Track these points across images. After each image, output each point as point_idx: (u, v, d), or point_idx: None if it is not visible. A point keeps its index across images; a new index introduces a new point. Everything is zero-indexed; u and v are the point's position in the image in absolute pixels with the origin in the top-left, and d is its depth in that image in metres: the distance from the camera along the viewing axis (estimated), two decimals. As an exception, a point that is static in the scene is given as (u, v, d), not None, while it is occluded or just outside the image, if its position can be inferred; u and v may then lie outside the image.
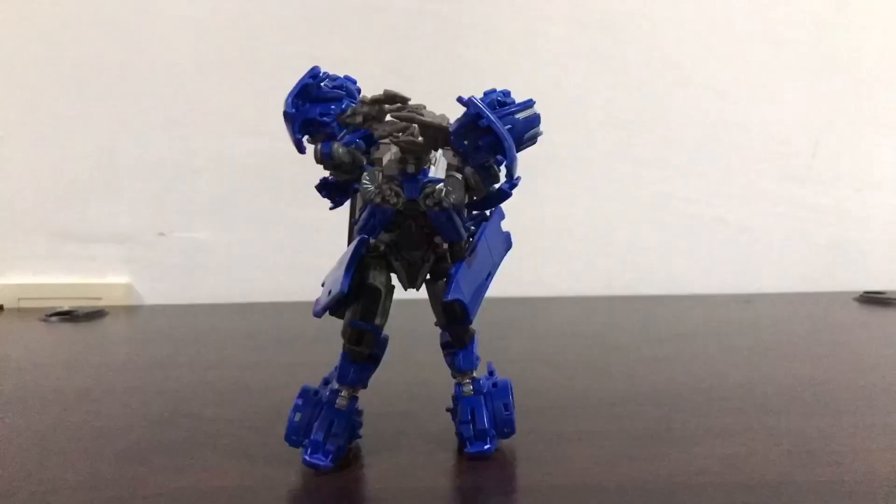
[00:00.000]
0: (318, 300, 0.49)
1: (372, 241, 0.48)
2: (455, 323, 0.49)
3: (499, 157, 0.45)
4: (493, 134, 0.43)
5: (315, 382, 0.52)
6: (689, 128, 1.17)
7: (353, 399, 0.49)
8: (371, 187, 0.45)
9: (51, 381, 0.73)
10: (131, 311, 1.13)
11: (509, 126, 0.45)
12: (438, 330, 0.51)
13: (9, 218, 1.16)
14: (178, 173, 1.16)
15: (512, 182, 0.47)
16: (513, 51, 1.15)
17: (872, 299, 1.09)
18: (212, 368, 0.77)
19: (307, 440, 0.48)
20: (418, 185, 0.45)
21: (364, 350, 0.48)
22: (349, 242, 0.52)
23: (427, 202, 0.45)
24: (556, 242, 1.18)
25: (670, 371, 0.73)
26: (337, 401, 0.49)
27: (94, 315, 1.07)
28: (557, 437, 0.54)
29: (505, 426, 0.50)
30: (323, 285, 0.50)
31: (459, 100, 0.44)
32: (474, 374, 0.51)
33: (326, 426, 0.48)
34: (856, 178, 1.18)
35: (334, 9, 1.13)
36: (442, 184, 0.45)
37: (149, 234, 1.17)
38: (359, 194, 0.48)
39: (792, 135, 1.18)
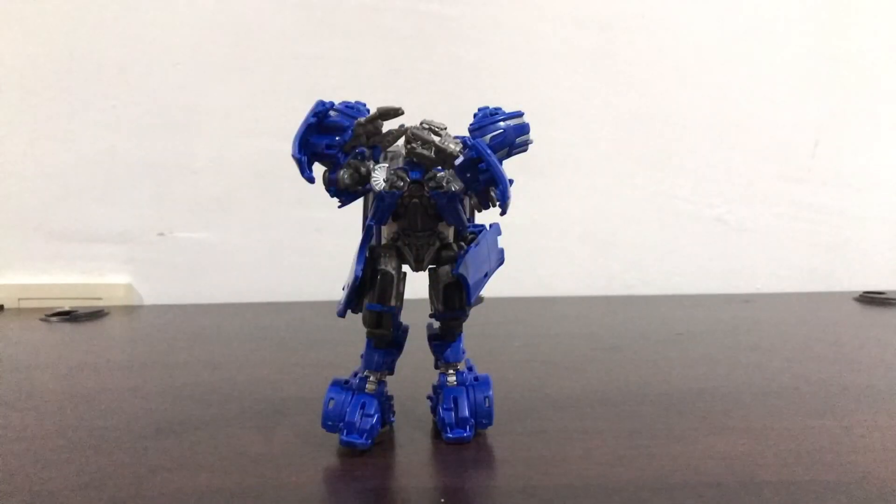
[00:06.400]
0: (339, 303, 0.52)
1: (382, 228, 0.51)
2: (452, 310, 0.52)
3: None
4: (491, 173, 0.48)
5: (316, 382, 0.52)
6: (689, 128, 1.17)
7: (382, 383, 0.53)
8: (381, 180, 0.49)
9: (51, 381, 0.73)
10: (131, 311, 1.13)
11: (500, 131, 0.50)
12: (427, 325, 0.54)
13: (9, 218, 1.16)
14: (178, 173, 1.16)
15: (504, 211, 0.50)
16: (513, 51, 1.15)
17: (872, 299, 1.09)
18: (212, 368, 0.77)
19: (342, 423, 0.51)
20: (423, 169, 0.49)
21: (384, 332, 0.52)
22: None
23: (430, 184, 0.48)
24: (556, 242, 1.18)
25: (670, 371, 0.73)
26: (367, 386, 0.52)
27: (95, 315, 1.07)
28: (557, 437, 0.54)
29: (484, 417, 0.54)
30: (344, 289, 0.52)
31: (464, 140, 0.49)
32: (458, 367, 0.55)
33: (359, 408, 0.51)
34: (856, 178, 1.19)
35: (334, 9, 1.13)
36: (444, 172, 0.49)
37: (149, 235, 1.17)
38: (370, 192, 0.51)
39: (792, 135, 1.18)
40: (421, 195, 0.49)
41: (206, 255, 1.17)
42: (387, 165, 0.49)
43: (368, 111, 0.52)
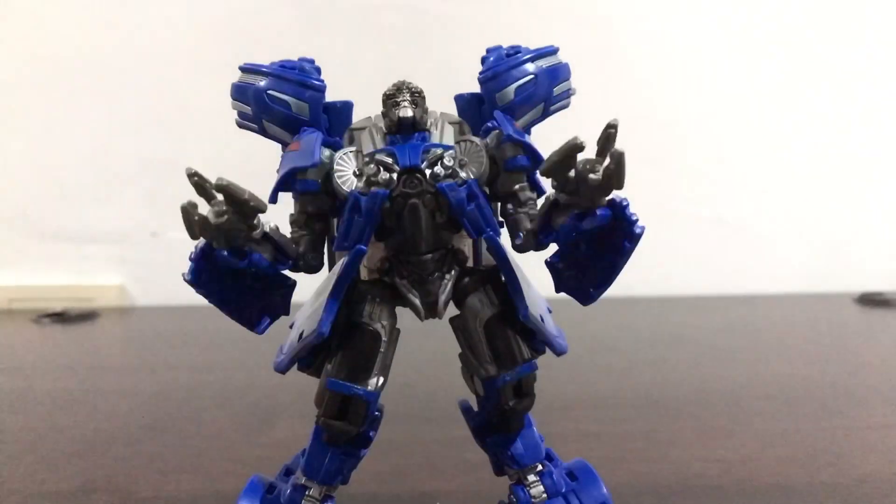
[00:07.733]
0: (281, 347, 0.36)
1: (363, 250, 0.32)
2: (511, 363, 0.33)
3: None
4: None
5: (311, 386, 0.50)
6: (689, 128, 1.16)
7: (328, 499, 0.34)
8: (347, 172, 0.32)
9: (42, 383, 0.72)
10: (123, 312, 1.12)
11: (530, 77, 0.35)
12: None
13: (0, 219, 1.15)
14: (170, 173, 1.14)
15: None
16: (510, 50, 1.14)
17: (872, 300, 1.08)
18: (205, 371, 0.76)
19: None
20: (418, 149, 0.32)
21: (350, 428, 0.33)
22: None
23: (435, 170, 0.31)
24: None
25: (668, 372, 0.72)
26: (303, 503, 0.34)
27: (86, 316, 1.06)
28: (555, 439, 0.53)
29: None
30: (291, 327, 0.36)
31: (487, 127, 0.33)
32: (539, 468, 0.35)
33: None
34: (855, 178, 1.18)
35: (329, 6, 1.12)
36: (453, 149, 0.32)
37: (141, 235, 1.16)
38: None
39: (792, 134, 1.17)
40: (421, 192, 0.31)
41: (199, 256, 1.16)
42: (354, 149, 0.33)
43: (318, 69, 0.37)
